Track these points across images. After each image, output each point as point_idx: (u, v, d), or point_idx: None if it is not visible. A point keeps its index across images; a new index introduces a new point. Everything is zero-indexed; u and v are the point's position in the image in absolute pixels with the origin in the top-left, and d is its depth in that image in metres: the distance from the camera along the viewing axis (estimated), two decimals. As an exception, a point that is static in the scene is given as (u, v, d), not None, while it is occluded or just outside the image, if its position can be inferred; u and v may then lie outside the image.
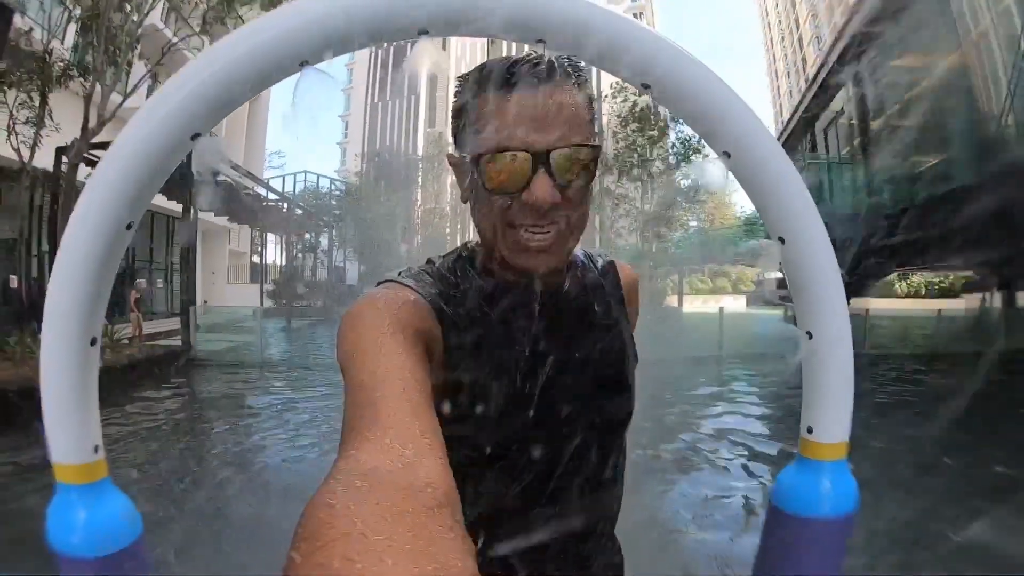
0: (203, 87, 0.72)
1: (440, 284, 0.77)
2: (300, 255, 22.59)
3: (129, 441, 5.16)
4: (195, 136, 0.55)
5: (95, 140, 8.53)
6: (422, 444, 0.48)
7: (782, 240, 0.70)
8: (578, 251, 0.87)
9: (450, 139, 0.79)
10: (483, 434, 0.75)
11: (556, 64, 0.70)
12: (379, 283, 0.76)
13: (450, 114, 0.78)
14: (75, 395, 1.12)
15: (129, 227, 0.69)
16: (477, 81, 0.72)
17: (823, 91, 13.85)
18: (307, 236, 22.66)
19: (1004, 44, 7.09)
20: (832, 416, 1.12)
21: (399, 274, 0.77)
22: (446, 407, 0.70)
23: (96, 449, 1.12)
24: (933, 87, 8.82)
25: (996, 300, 13.04)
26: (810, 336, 0.98)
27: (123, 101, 9.25)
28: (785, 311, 18.87)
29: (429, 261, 0.83)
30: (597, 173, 0.73)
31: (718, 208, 31.69)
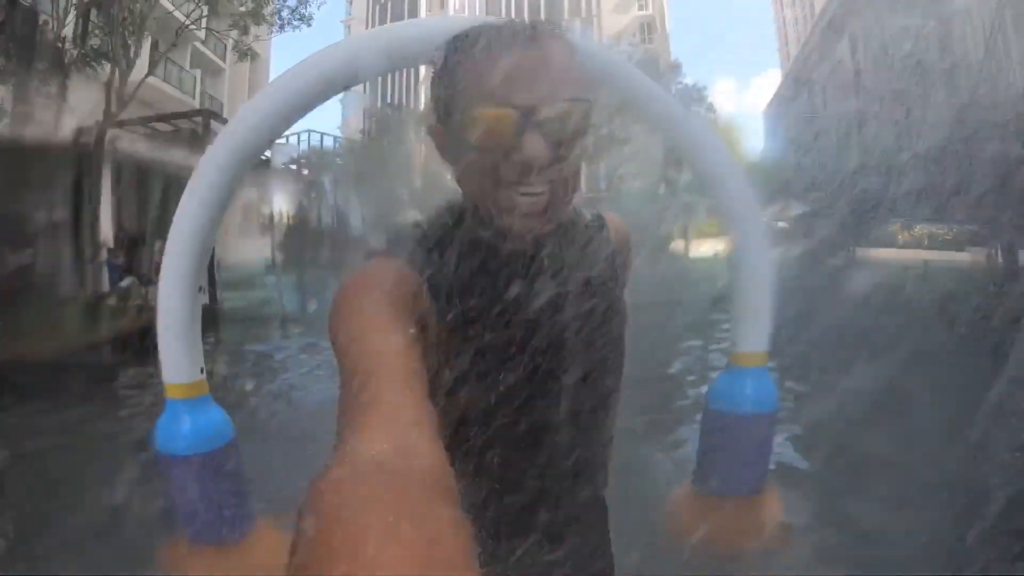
0: (282, 96, 1.25)
1: (429, 253, 0.76)
2: (307, 208, 22.80)
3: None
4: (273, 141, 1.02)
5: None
6: (419, 428, 0.50)
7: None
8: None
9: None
10: (477, 403, 0.76)
11: (540, 24, 0.71)
12: (369, 254, 0.77)
13: (430, 80, 0.78)
14: (186, 330, 1.57)
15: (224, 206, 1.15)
16: (461, 43, 0.72)
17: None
18: (312, 194, 22.86)
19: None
20: (754, 330, 1.54)
21: (388, 243, 0.78)
22: (441, 380, 0.71)
23: (201, 371, 1.57)
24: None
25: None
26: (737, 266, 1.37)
27: (140, 83, 9.46)
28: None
29: (416, 224, 0.81)
30: (597, 123, 0.73)
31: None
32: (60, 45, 8.72)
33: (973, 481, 2.88)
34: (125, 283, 8.84)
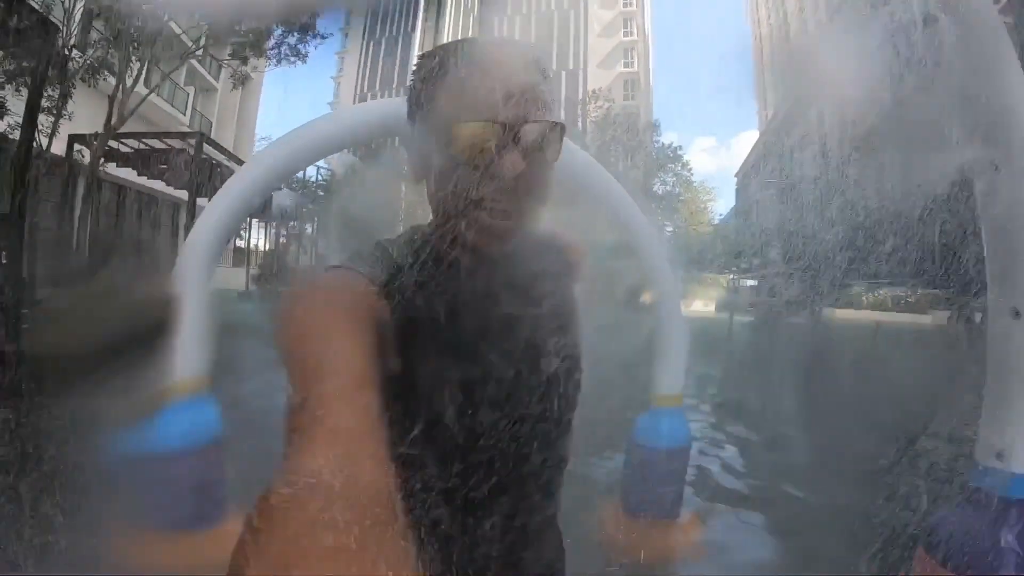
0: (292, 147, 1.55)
1: (389, 267, 0.74)
2: (284, 240, 22.71)
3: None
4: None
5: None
6: (365, 444, 0.49)
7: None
8: None
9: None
10: (434, 416, 0.73)
11: (528, 47, 0.73)
12: (327, 268, 0.73)
13: (409, 90, 0.77)
14: (193, 331, 1.78)
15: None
16: (444, 57, 0.72)
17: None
18: (292, 223, 22.82)
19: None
20: (669, 375, 1.83)
21: (348, 258, 0.74)
22: (397, 393, 0.68)
23: (204, 370, 1.77)
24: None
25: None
26: (654, 320, 1.65)
27: (144, 99, 9.69)
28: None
29: (378, 243, 0.79)
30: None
31: (693, 215, 32.36)
32: (67, 52, 8.86)
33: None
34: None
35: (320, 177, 26.24)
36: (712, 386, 7.99)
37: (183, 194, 11.53)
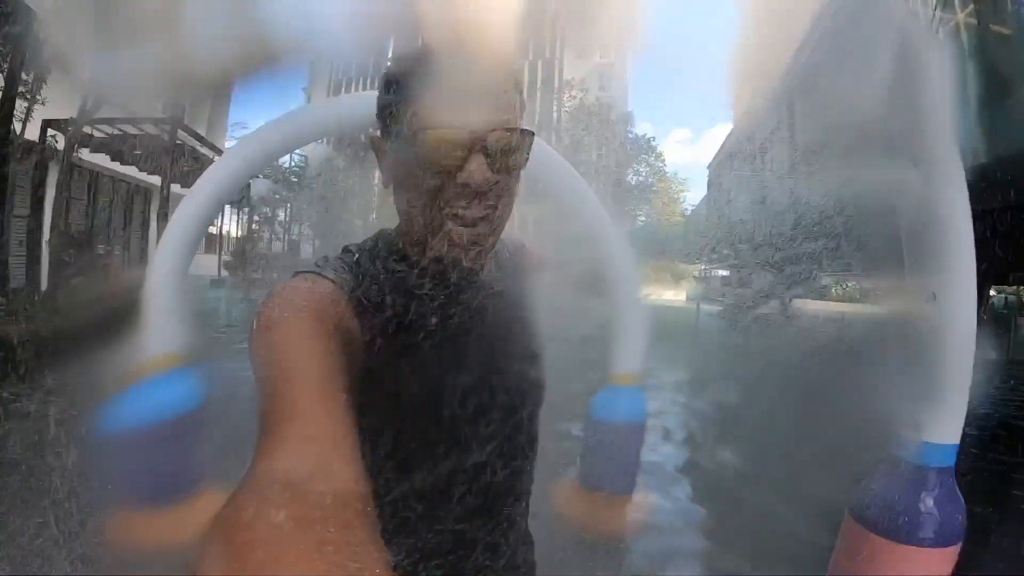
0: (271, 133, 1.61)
1: (358, 273, 0.73)
2: (257, 227, 22.47)
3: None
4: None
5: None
6: (336, 449, 0.49)
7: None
8: None
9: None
10: (403, 424, 0.73)
11: (493, 52, 0.71)
12: (296, 273, 0.72)
13: (378, 93, 0.76)
14: (169, 307, 1.85)
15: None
16: (413, 61, 0.71)
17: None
18: (264, 209, 22.58)
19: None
20: (627, 354, 1.94)
21: (316, 264, 0.74)
22: (366, 400, 0.67)
23: (178, 345, 1.84)
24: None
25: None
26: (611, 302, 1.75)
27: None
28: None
29: (346, 249, 0.79)
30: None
31: (666, 204, 32.74)
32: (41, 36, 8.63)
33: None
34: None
35: (293, 163, 25.98)
36: (673, 368, 8.59)
37: (156, 179, 11.39)
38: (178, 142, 10.04)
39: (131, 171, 11.55)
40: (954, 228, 1.36)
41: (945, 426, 1.45)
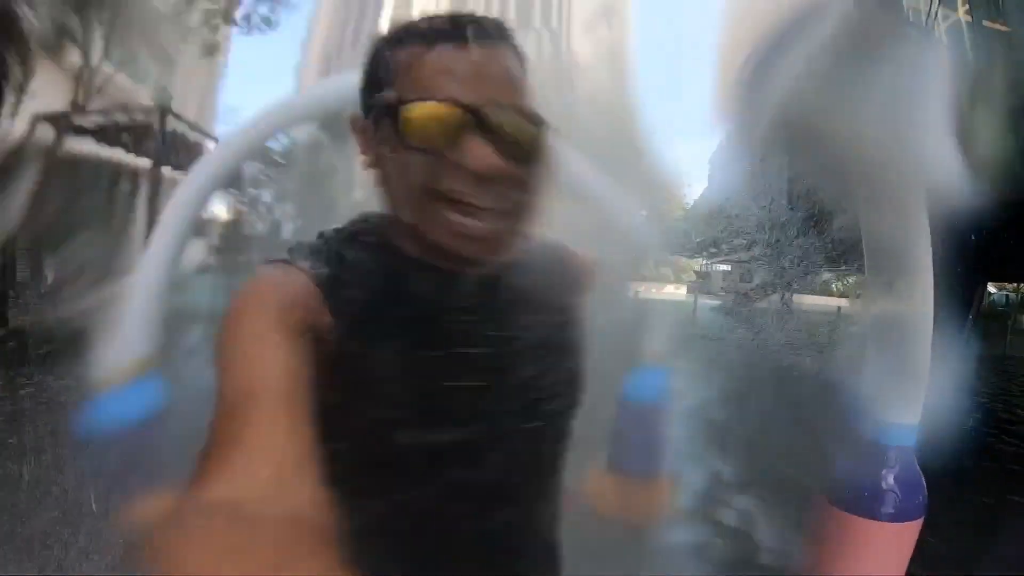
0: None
1: (334, 262, 0.66)
2: (244, 208, 22.30)
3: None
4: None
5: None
6: (294, 464, 0.44)
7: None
8: None
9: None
10: (379, 442, 0.64)
11: (490, 23, 0.64)
12: (265, 261, 0.66)
13: (362, 71, 0.68)
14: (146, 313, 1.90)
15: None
16: (398, 34, 0.66)
17: None
18: (251, 190, 22.45)
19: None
20: (655, 339, 2.00)
21: (289, 250, 0.67)
22: (338, 411, 0.60)
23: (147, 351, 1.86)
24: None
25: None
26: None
27: (112, 75, 9.52)
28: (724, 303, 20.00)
29: (321, 235, 0.71)
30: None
31: (668, 198, 32.73)
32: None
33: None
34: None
35: (279, 144, 25.78)
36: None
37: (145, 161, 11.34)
38: (169, 130, 10.07)
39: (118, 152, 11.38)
40: (907, 216, 1.45)
41: (904, 407, 1.55)
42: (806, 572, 1.76)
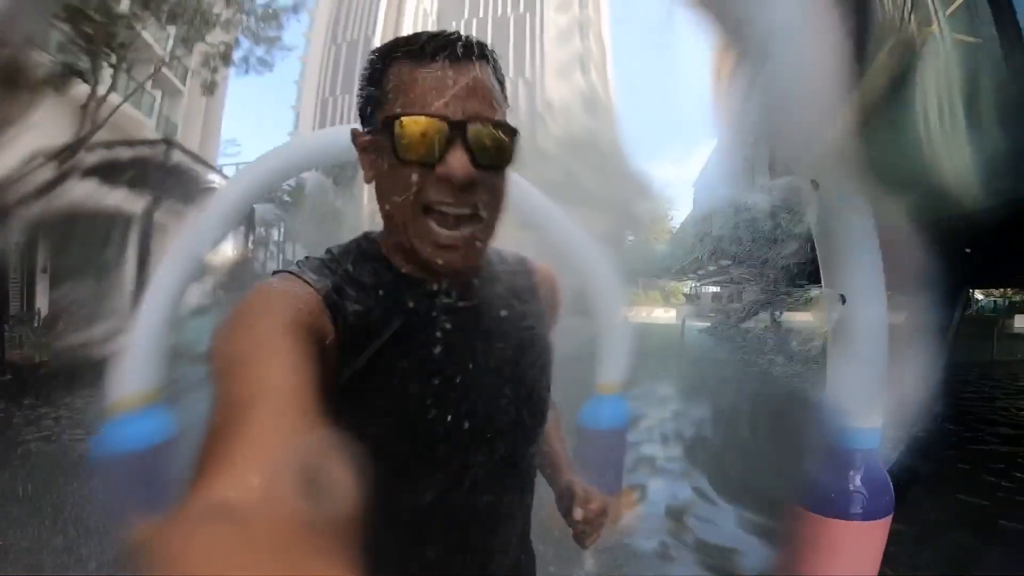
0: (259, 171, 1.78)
1: (338, 276, 0.70)
2: (251, 247, 22.31)
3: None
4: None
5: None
6: (295, 473, 0.42)
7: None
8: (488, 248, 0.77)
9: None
10: (377, 444, 0.65)
11: (473, 43, 0.68)
12: (274, 272, 0.69)
13: (358, 86, 0.74)
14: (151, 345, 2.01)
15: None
16: (391, 51, 0.69)
17: None
18: (259, 229, 22.50)
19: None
20: (611, 366, 2.17)
21: (297, 265, 0.71)
22: (340, 414, 0.57)
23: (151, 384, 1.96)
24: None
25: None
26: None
27: (117, 108, 9.61)
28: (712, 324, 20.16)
29: (328, 251, 0.75)
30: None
31: (654, 222, 33.12)
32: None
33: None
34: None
35: (286, 184, 25.88)
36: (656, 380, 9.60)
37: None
38: (173, 164, 10.16)
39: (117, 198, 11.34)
40: (856, 229, 1.56)
41: (866, 412, 1.66)
42: (783, 575, 1.85)
